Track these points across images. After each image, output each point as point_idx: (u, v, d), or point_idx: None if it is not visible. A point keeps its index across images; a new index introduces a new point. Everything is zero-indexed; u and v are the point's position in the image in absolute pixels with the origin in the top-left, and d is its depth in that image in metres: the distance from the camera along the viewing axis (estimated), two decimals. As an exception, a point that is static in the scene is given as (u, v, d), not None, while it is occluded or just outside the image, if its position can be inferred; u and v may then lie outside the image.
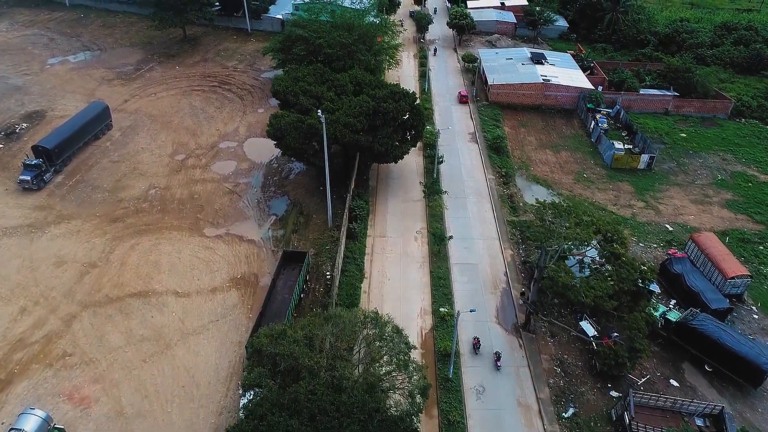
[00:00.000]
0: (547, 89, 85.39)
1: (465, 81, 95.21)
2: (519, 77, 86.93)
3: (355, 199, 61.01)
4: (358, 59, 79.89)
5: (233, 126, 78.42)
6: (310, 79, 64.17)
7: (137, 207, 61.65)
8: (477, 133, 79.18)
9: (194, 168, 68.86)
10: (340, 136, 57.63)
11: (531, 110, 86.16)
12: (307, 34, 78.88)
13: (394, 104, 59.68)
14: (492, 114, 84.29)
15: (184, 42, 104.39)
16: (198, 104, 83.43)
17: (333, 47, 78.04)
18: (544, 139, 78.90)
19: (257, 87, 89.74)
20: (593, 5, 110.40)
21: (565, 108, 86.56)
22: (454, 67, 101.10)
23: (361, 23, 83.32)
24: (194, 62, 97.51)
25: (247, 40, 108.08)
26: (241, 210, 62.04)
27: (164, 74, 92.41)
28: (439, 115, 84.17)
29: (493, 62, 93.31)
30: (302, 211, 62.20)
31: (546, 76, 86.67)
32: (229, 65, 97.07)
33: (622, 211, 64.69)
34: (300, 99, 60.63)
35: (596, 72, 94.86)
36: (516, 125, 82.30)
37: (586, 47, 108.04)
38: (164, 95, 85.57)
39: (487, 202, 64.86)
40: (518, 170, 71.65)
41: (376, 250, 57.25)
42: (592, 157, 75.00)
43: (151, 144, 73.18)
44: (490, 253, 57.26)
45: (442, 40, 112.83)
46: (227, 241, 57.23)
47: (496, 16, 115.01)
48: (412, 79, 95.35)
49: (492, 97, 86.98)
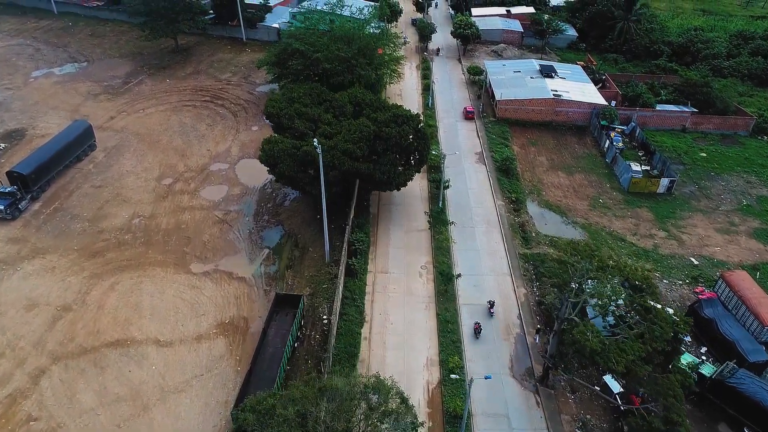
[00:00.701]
0: (558, 105, 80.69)
1: (470, 95, 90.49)
2: (528, 92, 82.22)
3: (355, 231, 56.35)
4: (358, 74, 75.28)
5: (225, 146, 73.74)
6: (306, 99, 59.49)
7: (119, 239, 56.97)
8: (484, 152, 74.49)
9: (182, 194, 64.17)
10: (338, 164, 52.92)
11: (541, 127, 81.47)
12: (303, 47, 74.13)
13: (397, 129, 55.00)
14: (500, 131, 79.59)
15: (176, 53, 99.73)
16: (189, 121, 78.76)
17: (331, 62, 73.33)
18: (556, 160, 74.18)
19: (252, 102, 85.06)
20: (603, 14, 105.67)
21: (577, 125, 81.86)
22: (458, 79, 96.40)
23: (361, 35, 78.59)
24: (186, 74, 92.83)
25: (242, 50, 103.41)
26: (232, 242, 57.36)
27: (154, 88, 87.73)
28: (444, 132, 79.47)
29: (500, 75, 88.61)
30: (297, 244, 57.52)
31: (557, 90, 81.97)
32: (222, 78, 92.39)
33: (642, 242, 59.98)
34: (295, 122, 55.96)
35: (608, 85, 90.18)
36: (525, 144, 77.60)
37: (597, 58, 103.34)
38: (153, 111, 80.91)
39: (497, 232, 60.16)
40: (529, 195, 66.95)
41: (378, 289, 52.55)
42: (608, 180, 70.28)
43: (137, 166, 68.49)
44: (501, 292, 52.54)
45: (445, 50, 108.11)
46: (215, 279, 52.54)
47: (502, 24, 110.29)
48: (414, 93, 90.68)
49: (499, 113, 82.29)
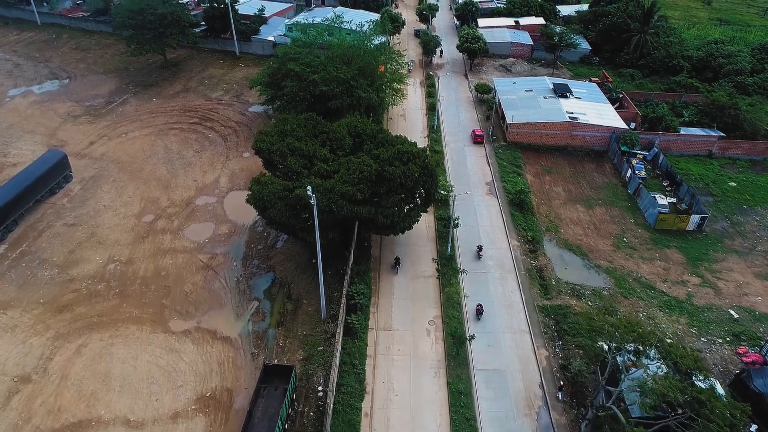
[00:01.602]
0: (575, 128, 74.65)
1: (479, 115, 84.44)
2: (542, 114, 76.17)
3: (354, 282, 50.32)
4: (358, 96, 69.34)
5: (213, 175, 67.70)
6: (300, 131, 53.41)
7: (91, 289, 50.92)
8: (495, 182, 68.43)
9: (164, 233, 58.14)
10: (336, 209, 46.88)
11: (555, 152, 75.41)
12: (299, 68, 68.18)
13: (402, 167, 48.92)
14: (511, 157, 73.53)
15: (165, 68, 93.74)
16: (175, 147, 72.72)
17: (329, 84, 67.45)
18: (574, 191, 68.11)
19: (243, 124, 79.03)
20: (618, 26, 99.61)
21: (594, 149, 75.82)
22: (465, 97, 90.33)
23: (362, 53, 72.55)
24: (174, 93, 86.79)
25: (235, 65, 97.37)
26: (217, 293, 51.30)
27: (139, 108, 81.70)
28: (452, 158, 73.40)
29: (511, 95, 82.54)
30: (290, 295, 51.45)
31: (572, 113, 75.89)
32: (213, 96, 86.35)
33: (674, 291, 53.90)
34: (287, 160, 49.87)
35: (626, 105, 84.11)
36: (540, 172, 71.52)
37: (611, 73, 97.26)
38: (137, 135, 74.88)
39: (512, 279, 54.09)
40: (546, 232, 60.88)
41: (380, 350, 46.50)
42: (632, 215, 64.20)
43: (116, 200, 62.47)
44: (520, 355, 46.45)
45: (451, 64, 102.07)
46: (197, 340, 46.48)
47: (511, 37, 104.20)
48: (419, 113, 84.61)
49: (511, 137, 76.23)
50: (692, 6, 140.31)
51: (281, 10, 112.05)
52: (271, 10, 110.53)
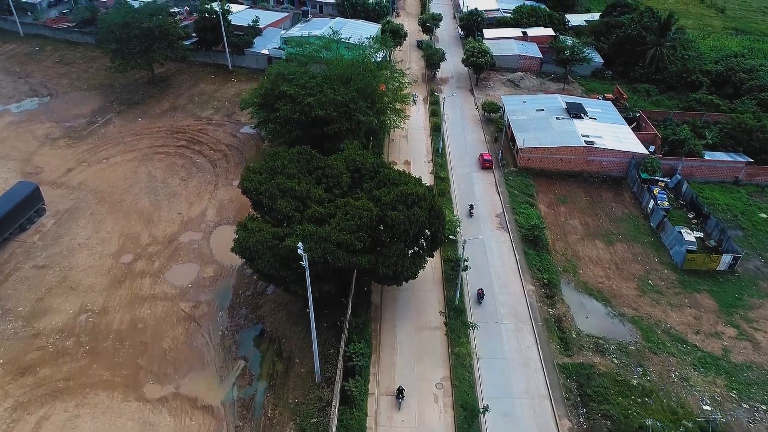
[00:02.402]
0: (591, 153, 69.26)
1: (486, 135, 79.02)
2: (555, 138, 70.77)
3: (353, 339, 44.94)
4: (357, 120, 63.99)
5: (200, 207, 62.32)
6: (292, 168, 48.00)
7: (58, 346, 45.56)
8: (506, 214, 63.04)
9: (143, 276, 52.77)
10: (332, 260, 41.53)
11: (570, 178, 70.05)
12: (293, 90, 62.79)
13: (406, 212, 43.48)
14: (523, 185, 68.13)
15: (152, 84, 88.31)
16: (159, 174, 67.32)
17: (325, 107, 62.07)
18: (591, 224, 62.69)
19: (234, 147, 73.63)
20: (633, 38, 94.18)
21: (611, 175, 70.43)
22: (471, 115, 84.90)
23: (361, 72, 67.16)
24: (161, 111, 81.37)
25: (227, 80, 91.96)
26: (199, 350, 45.93)
27: (123, 129, 76.30)
28: (458, 186, 68.01)
29: (521, 114, 77.12)
30: (281, 352, 46.09)
31: (588, 136, 70.50)
32: (202, 116, 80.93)
33: (708, 344, 48.52)
34: (278, 203, 44.48)
35: (644, 125, 78.72)
36: (554, 202, 66.13)
37: (626, 88, 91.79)
38: (119, 161, 69.50)
39: (528, 332, 48.70)
40: (563, 274, 55.50)
41: (382, 421, 41.13)
42: (656, 252, 58.80)
43: (93, 237, 57.09)
44: (541, 426, 41.06)
45: (455, 79, 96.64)
46: (174, 410, 41.11)
47: (519, 49, 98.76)
48: (422, 134, 79.16)
49: (522, 162, 70.83)
50: (705, 14, 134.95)
51: (277, 20, 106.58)
52: (266, 20, 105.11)
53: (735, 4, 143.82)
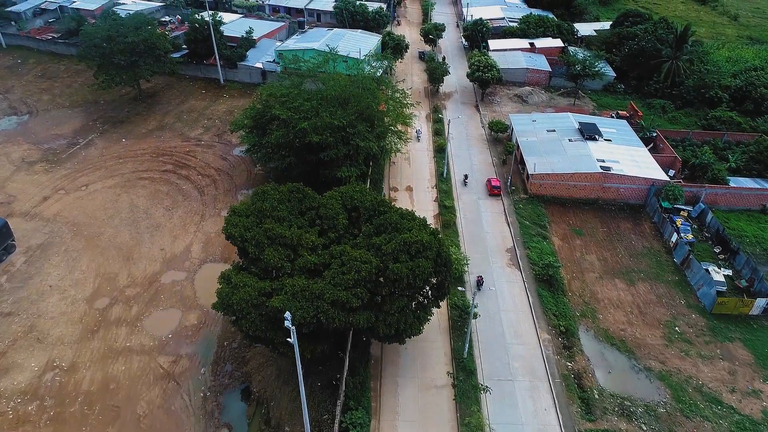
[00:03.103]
0: (607, 180, 64.31)
1: (493, 157, 74.04)
2: (568, 163, 65.82)
3: (350, 405, 39.95)
4: (355, 145, 59.09)
5: (185, 241, 57.37)
6: (282, 209, 43.04)
7: (18, 413, 40.62)
8: (517, 249, 58.10)
9: (119, 325, 47.85)
10: (326, 320, 36.60)
11: (584, 206, 65.13)
12: (286, 115, 57.89)
13: (410, 264, 38.52)
14: (534, 214, 63.19)
15: (139, 101, 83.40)
16: (142, 203, 62.38)
17: (321, 132, 57.20)
18: (610, 259, 57.74)
19: (224, 171, 68.68)
20: (647, 51, 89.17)
21: (629, 203, 65.52)
22: (477, 134, 79.90)
23: (360, 92, 62.25)
24: (147, 131, 76.41)
25: (219, 96, 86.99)
26: (177, 416, 40.98)
27: (105, 152, 71.36)
28: (464, 215, 63.05)
29: (531, 135, 72.15)
30: (269, 419, 41.18)
31: (604, 161, 65.54)
32: (191, 136, 75.96)
33: (746, 406, 43.57)
34: (265, 253, 39.53)
35: (661, 146, 73.80)
36: (568, 233, 61.16)
37: (639, 104, 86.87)
38: (99, 188, 64.56)
39: (545, 391, 43.75)
40: (582, 319, 50.56)
41: (382, 504, 36.20)
42: (682, 293, 53.84)
43: (65, 279, 52.15)
44: None
45: (460, 93, 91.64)
46: (146, 493, 36.19)
47: (527, 62, 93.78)
48: (425, 156, 74.19)
49: (532, 189, 65.87)
50: (718, 22, 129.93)
51: (272, 30, 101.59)
52: (261, 30, 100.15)
53: (748, 11, 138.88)
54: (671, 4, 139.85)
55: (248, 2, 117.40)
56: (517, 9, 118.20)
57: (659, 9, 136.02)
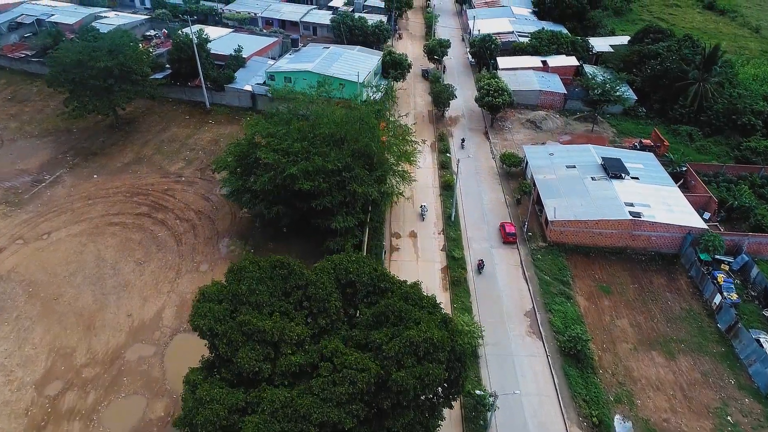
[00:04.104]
0: (637, 227, 56.93)
1: (506, 195, 66.60)
2: (592, 207, 58.41)
3: None
4: (352, 191, 51.74)
5: (156, 304, 49.94)
6: (263, 292, 35.55)
7: None
8: (537, 311, 50.74)
9: (71, 418, 40.44)
10: (312, 445, 29.20)
11: (611, 255, 57.80)
12: (272, 159, 50.53)
13: (417, 370, 31.11)
14: (555, 267, 55.82)
15: (115, 128, 75.99)
16: (110, 255, 54.95)
17: (313, 178, 49.96)
18: (644, 325, 50.33)
19: (206, 215, 61.28)
20: (671, 72, 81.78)
21: (661, 252, 58.16)
22: (488, 166, 72.47)
23: (358, 128, 54.91)
24: (123, 165, 69.00)
25: (204, 122, 79.59)
26: None
27: (73, 191, 63.96)
28: (475, 269, 55.61)
29: (549, 173, 64.73)
30: None
31: (633, 205, 58.14)
32: (171, 170, 68.54)
33: None
34: (239, 354, 32.09)
35: (693, 183, 66.42)
36: (595, 291, 53.74)
37: (663, 130, 79.55)
38: (63, 236, 57.13)
39: None
40: (616, 406, 43.17)
41: None
42: (730, 370, 46.44)
43: (14, 355, 44.70)
44: None
45: (467, 118, 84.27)
46: None
47: (540, 83, 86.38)
48: (431, 193, 66.79)
49: (552, 236, 58.49)
50: (739, 35, 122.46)
51: (264, 47, 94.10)
52: (252, 46, 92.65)
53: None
54: (688, 15, 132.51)
55: (239, 15, 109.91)
56: (526, 22, 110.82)
57: (676, 20, 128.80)
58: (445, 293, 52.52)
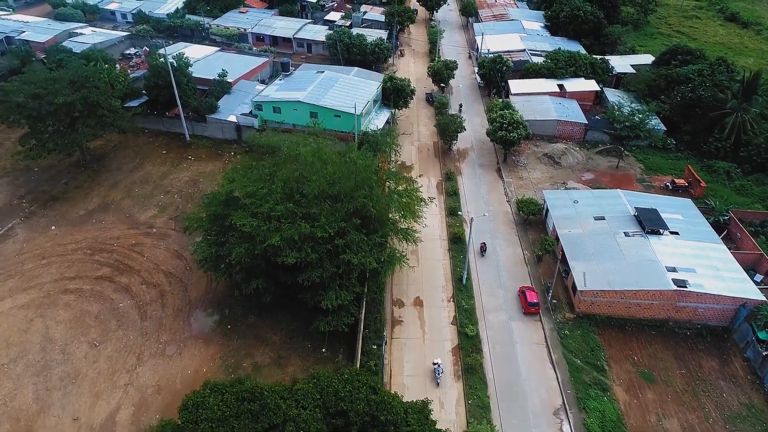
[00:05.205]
0: (682, 298, 48.40)
1: (525, 250, 58.03)
2: (629, 273, 49.84)
3: None
4: (346, 261, 43.23)
5: (110, 403, 41.43)
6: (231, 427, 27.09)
7: None
8: (569, 410, 42.20)
9: None
10: None
11: (651, 329, 49.27)
12: (250, 227, 42.03)
13: None
14: (586, 347, 47.30)
15: (82, 166, 67.52)
16: (60, 335, 46.46)
17: (299, 248, 41.55)
18: (698, 427, 41.76)
19: (178, 278, 52.76)
20: (705, 101, 73.23)
21: (709, 325, 49.63)
22: (502, 212, 63.91)
23: (355, 181, 46.30)
24: (86, 213, 60.56)
25: (183, 157, 71.10)
26: None
27: (26, 247, 55.50)
28: (493, 349, 47.09)
29: (574, 224, 56.20)
30: None
31: (676, 271, 49.58)
32: (141, 219, 60.06)
33: None
34: None
35: (739, 236, 57.91)
36: (635, 380, 45.15)
37: (697, 166, 71.15)
38: (7, 309, 48.67)
39: None
40: None
41: None
42: (809, 493, 37.93)
43: (-73, 480, 36.23)
44: None
45: (477, 151, 75.70)
46: None
47: (557, 111, 77.85)
48: (438, 247, 58.26)
49: (582, 307, 49.97)
50: (767, 50, 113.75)
51: (252, 69, 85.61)
52: (240, 68, 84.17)
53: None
54: (710, 28, 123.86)
55: (228, 31, 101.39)
56: (538, 38, 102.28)
57: (697, 33, 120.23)
58: (457, 383, 44.05)
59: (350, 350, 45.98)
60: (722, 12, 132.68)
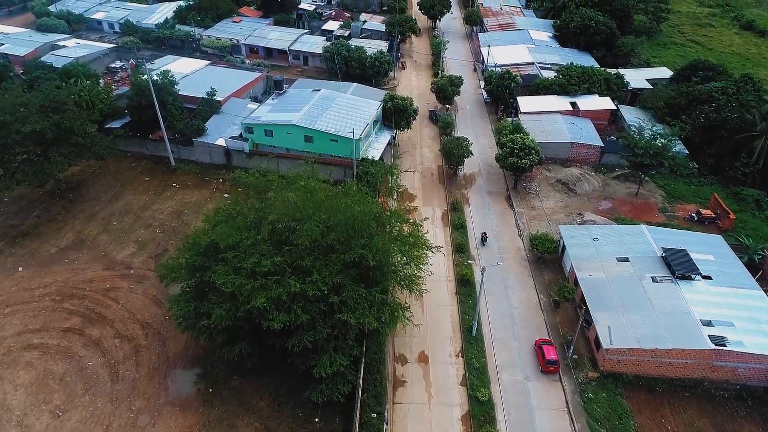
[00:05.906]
0: (720, 358, 43.06)
1: (540, 294, 52.65)
2: (658, 326, 44.51)
3: None
4: (342, 321, 37.95)
5: (71, 489, 36.04)
6: None
7: None
8: (596, 494, 36.85)
9: None
10: None
11: (684, 391, 43.95)
12: (230, 287, 36.71)
13: None
14: (613, 414, 41.98)
15: (56, 196, 62.14)
16: (19, 402, 41.10)
17: (288, 309, 36.39)
18: None
19: (155, 330, 47.40)
20: (731, 122, 67.85)
21: (749, 386, 44.28)
22: (514, 248, 58.49)
23: (354, 230, 40.86)
24: (58, 251, 55.21)
25: (167, 185, 65.73)
26: None
27: (-12, 293, 50.11)
28: (508, 418, 41.72)
29: (595, 268, 50.80)
30: None
31: (711, 324, 44.28)
32: (118, 258, 54.68)
33: None
34: None
35: (775, 276, 52.62)
36: (669, 455, 39.87)
37: (722, 193, 65.88)
38: (-39, 369, 43.28)
39: None
40: None
41: None
42: None
43: None
44: None
45: (485, 177, 70.30)
46: None
47: (570, 133, 72.48)
48: (443, 289, 52.92)
49: (606, 366, 44.61)
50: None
51: (244, 85, 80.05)
52: (231, 84, 78.69)
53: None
54: (725, 37, 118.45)
55: (220, 42, 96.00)
56: (547, 49, 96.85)
57: (712, 43, 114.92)
58: (468, 461, 38.76)
59: (347, 419, 40.66)
60: (737, 20, 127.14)
